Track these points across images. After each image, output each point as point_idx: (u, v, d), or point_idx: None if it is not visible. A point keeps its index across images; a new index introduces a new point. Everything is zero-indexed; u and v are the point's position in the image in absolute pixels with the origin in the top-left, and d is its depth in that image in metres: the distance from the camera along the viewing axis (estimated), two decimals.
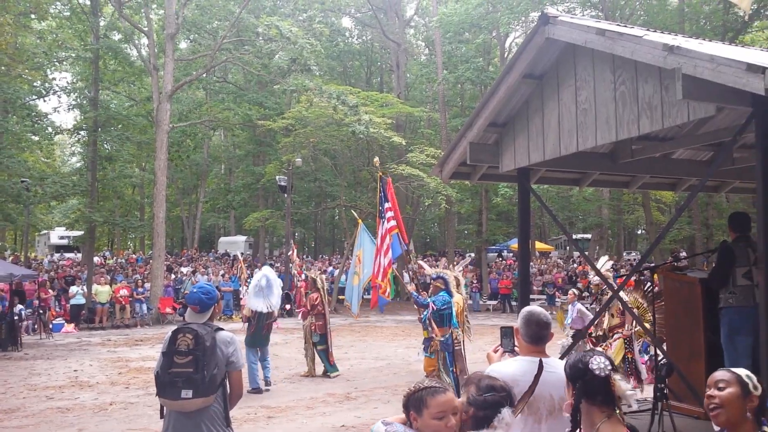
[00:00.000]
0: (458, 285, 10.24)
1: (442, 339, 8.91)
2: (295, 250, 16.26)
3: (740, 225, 5.73)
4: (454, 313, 9.04)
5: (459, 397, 5.83)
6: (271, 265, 22.62)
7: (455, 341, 9.64)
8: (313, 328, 11.26)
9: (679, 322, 6.44)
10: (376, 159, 12.00)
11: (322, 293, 11.44)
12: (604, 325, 8.65)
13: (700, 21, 25.07)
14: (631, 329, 8.49)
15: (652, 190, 20.01)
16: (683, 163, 7.37)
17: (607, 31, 4.68)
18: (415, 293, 9.48)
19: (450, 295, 9.08)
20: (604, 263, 9.54)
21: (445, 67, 28.21)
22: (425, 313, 8.88)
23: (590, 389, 2.37)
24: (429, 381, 2.45)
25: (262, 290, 10.26)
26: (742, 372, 2.49)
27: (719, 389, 2.45)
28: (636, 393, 2.40)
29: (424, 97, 37.99)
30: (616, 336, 8.58)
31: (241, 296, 18.99)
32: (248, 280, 15.60)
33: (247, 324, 10.52)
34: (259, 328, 10.26)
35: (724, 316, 5.58)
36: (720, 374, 2.52)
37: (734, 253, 5.53)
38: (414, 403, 2.38)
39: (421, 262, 10.63)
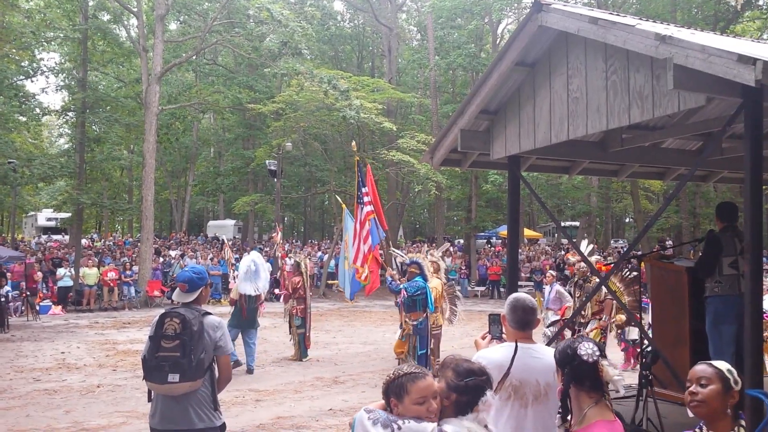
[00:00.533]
0: (437, 270, 10.29)
1: (415, 323, 9.06)
2: (279, 233, 16.36)
3: (727, 215, 5.78)
4: (430, 298, 9.14)
5: None
6: (260, 250, 22.65)
7: (434, 325, 9.75)
8: (294, 311, 11.43)
9: (665, 309, 6.50)
10: (354, 143, 12.09)
11: (305, 277, 11.57)
12: (586, 312, 8.73)
13: (692, 10, 25.13)
14: (608, 320, 8.57)
15: (640, 179, 20.12)
16: (672, 152, 7.41)
17: (599, 19, 4.68)
18: (390, 278, 9.59)
19: (425, 280, 9.19)
20: (585, 249, 9.54)
21: (437, 52, 28.12)
22: (398, 298, 9.04)
23: (579, 375, 2.41)
24: (408, 367, 2.45)
25: (251, 274, 10.39)
26: (723, 366, 2.47)
27: (701, 386, 2.43)
28: (623, 379, 2.42)
29: (416, 82, 37.89)
30: (592, 325, 8.66)
31: (229, 280, 19.05)
32: (235, 265, 15.65)
33: (233, 307, 10.60)
34: (250, 311, 10.35)
35: (709, 305, 5.65)
36: (701, 369, 2.48)
37: (721, 242, 5.59)
38: (394, 389, 2.38)
39: (394, 249, 10.72)
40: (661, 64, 4.25)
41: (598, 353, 2.41)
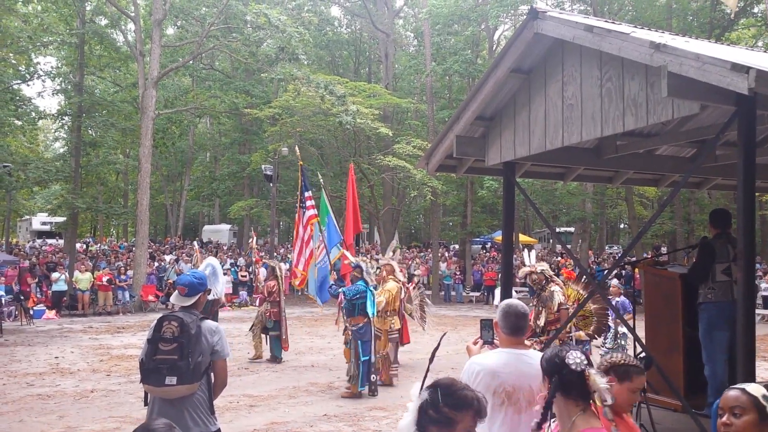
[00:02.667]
0: (391, 272, 10.19)
1: (354, 328, 9.01)
2: (254, 238, 17.03)
3: (721, 221, 5.81)
4: (371, 302, 9.05)
5: (363, 385, 5.58)
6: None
7: (390, 330, 9.75)
8: (267, 314, 11.63)
9: (658, 316, 6.52)
10: (296, 147, 12.26)
11: (279, 281, 11.68)
12: (540, 321, 8.54)
13: (688, 17, 25.28)
14: (571, 329, 8.35)
15: (635, 186, 20.18)
16: (666, 159, 7.44)
17: (595, 27, 4.71)
18: (332, 282, 9.71)
19: (366, 284, 9.13)
20: (532, 259, 9.27)
21: (434, 58, 28.19)
22: (344, 303, 9.05)
23: (566, 383, 2.40)
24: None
25: (208, 278, 10.40)
26: (758, 392, 2.30)
27: (735, 416, 2.28)
28: (611, 387, 2.40)
29: (412, 88, 37.94)
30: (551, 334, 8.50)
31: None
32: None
33: None
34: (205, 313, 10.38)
35: (703, 311, 5.68)
36: (734, 397, 2.31)
37: (714, 249, 5.61)
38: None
39: (346, 252, 10.76)
40: (656, 71, 4.27)
41: (585, 362, 2.41)
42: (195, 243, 25.79)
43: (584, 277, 8.83)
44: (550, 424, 2.49)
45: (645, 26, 7.23)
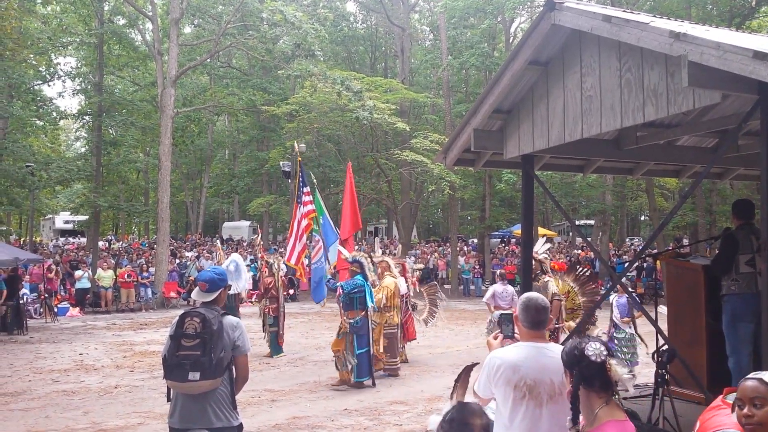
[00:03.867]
0: (387, 268, 10.39)
1: (352, 321, 9.17)
2: (260, 235, 17.82)
3: (744, 212, 5.73)
4: (369, 296, 9.24)
5: (362, 377, 5.50)
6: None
7: (386, 325, 9.90)
8: (266, 310, 11.75)
9: (681, 308, 6.46)
10: (296, 145, 12.35)
11: (276, 277, 11.81)
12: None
13: (707, 6, 24.88)
14: (554, 322, 8.32)
15: (656, 177, 19.97)
16: (688, 149, 7.36)
17: (613, 17, 4.66)
18: (330, 276, 9.92)
19: (365, 278, 9.34)
20: (541, 246, 9.19)
21: (450, 52, 28.05)
22: (342, 296, 9.19)
23: (588, 375, 2.39)
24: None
25: (231, 274, 10.52)
26: None
27: (756, 406, 2.23)
28: (633, 377, 2.40)
29: (429, 82, 37.82)
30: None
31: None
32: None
33: None
34: (229, 309, 10.47)
35: (726, 303, 5.61)
36: (753, 387, 2.26)
37: (737, 240, 5.54)
38: None
39: (340, 247, 10.87)
40: (676, 61, 4.22)
41: (605, 353, 2.40)
42: (217, 241, 25.98)
43: (576, 269, 8.81)
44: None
45: (663, 15, 7.15)
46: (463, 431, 2.27)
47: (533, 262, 8.38)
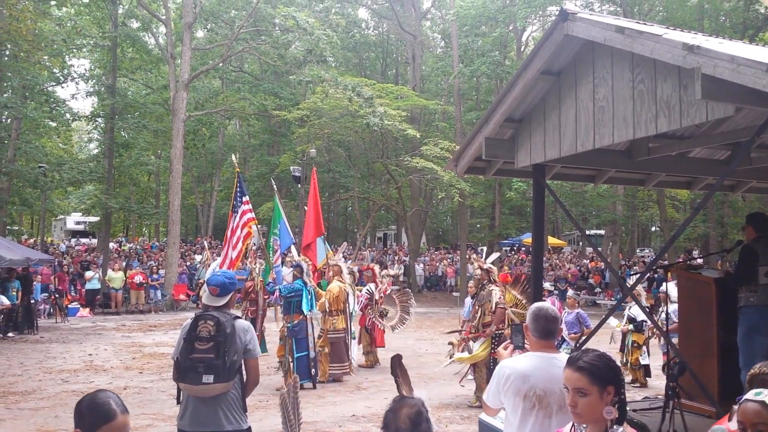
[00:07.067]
0: (338, 273, 10.46)
1: (289, 325, 9.29)
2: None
3: (763, 224, 5.71)
4: (306, 301, 9.37)
5: (303, 380, 5.26)
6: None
7: (331, 329, 10.04)
8: (246, 312, 11.75)
9: (692, 320, 6.43)
10: (234, 156, 12.58)
11: (256, 281, 11.85)
12: (476, 323, 8.64)
13: (720, 18, 24.82)
14: (494, 329, 8.36)
15: (667, 188, 19.88)
16: (700, 161, 7.34)
17: (626, 29, 4.67)
18: (271, 280, 10.03)
19: (304, 283, 9.49)
20: (492, 258, 9.33)
21: (461, 60, 28.11)
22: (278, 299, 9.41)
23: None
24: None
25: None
26: None
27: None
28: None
29: (440, 90, 37.88)
30: (479, 342, 8.49)
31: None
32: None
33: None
34: None
35: (743, 315, 5.56)
36: (756, 412, 2.20)
37: (757, 251, 5.52)
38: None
39: (293, 249, 10.96)
40: (689, 73, 4.23)
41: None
42: (205, 243, 26.03)
43: (522, 282, 8.87)
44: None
45: (676, 27, 7.15)
46: (392, 417, 2.35)
47: (480, 271, 8.61)
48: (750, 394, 2.30)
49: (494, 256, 9.36)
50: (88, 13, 25.41)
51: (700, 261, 10.78)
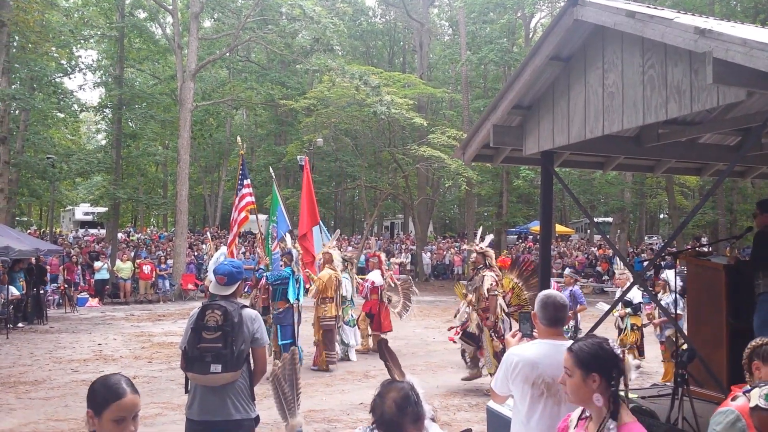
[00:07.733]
0: (330, 261, 10.42)
1: (275, 312, 9.40)
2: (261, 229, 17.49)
3: None
4: (292, 289, 9.43)
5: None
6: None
7: (322, 317, 10.05)
8: (259, 301, 11.79)
9: (701, 307, 6.39)
10: (239, 139, 12.51)
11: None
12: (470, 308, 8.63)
13: (731, 2, 24.56)
14: (493, 320, 8.33)
15: (676, 175, 19.76)
16: (710, 147, 7.26)
17: (637, 13, 4.60)
18: (262, 266, 10.18)
19: (292, 271, 9.56)
20: (487, 240, 9.17)
21: (469, 47, 27.94)
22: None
23: (617, 375, 2.36)
24: None
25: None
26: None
27: None
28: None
29: (447, 77, 37.73)
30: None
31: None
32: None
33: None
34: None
35: (762, 302, 5.51)
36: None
37: None
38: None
39: (288, 236, 10.88)
40: (700, 58, 4.17)
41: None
42: (208, 234, 26.07)
43: (520, 265, 8.82)
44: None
45: (687, 11, 7.06)
46: (379, 402, 2.35)
47: (475, 255, 8.56)
48: (762, 402, 2.43)
49: (489, 238, 9.27)
50: (95, 3, 25.41)
51: (710, 248, 10.73)
